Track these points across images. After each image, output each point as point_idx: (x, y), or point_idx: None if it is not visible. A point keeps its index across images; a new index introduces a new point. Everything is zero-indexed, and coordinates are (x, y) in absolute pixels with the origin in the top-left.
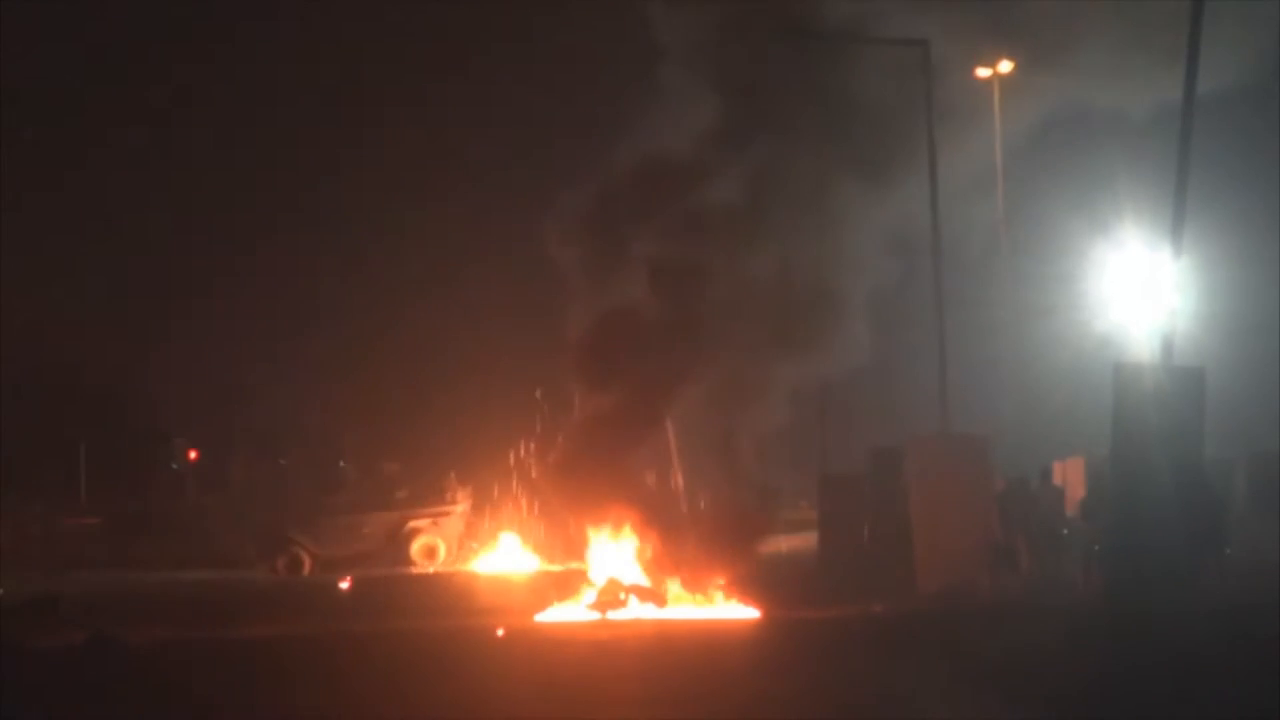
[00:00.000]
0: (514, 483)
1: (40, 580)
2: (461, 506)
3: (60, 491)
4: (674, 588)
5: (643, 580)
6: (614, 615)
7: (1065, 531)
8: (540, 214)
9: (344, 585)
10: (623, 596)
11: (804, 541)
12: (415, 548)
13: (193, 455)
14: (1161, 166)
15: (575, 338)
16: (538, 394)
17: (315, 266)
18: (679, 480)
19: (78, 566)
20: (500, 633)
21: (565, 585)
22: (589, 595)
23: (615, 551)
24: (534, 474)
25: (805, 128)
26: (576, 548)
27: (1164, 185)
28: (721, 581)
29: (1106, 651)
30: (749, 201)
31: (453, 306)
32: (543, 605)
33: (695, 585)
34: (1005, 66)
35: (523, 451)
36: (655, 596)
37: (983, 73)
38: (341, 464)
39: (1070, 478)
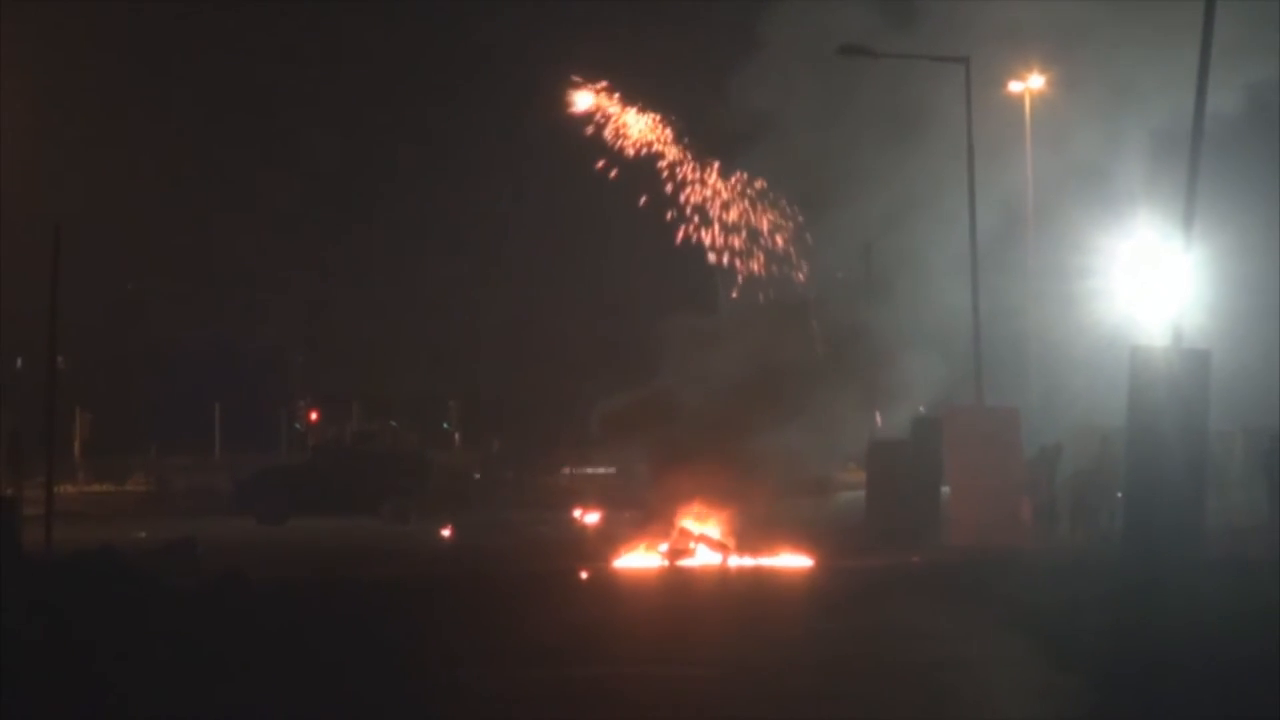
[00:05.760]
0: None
1: (179, 525)
2: None
3: (199, 447)
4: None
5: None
6: (684, 562)
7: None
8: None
9: (445, 533)
10: (692, 545)
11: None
12: None
13: (314, 417)
14: (1176, 170)
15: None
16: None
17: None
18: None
19: (212, 514)
20: (584, 575)
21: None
22: (662, 545)
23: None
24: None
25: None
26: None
27: (1178, 186)
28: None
29: (1121, 598)
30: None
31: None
32: (619, 553)
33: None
34: (1036, 82)
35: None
36: (721, 546)
37: (1015, 87)
38: (445, 425)
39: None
